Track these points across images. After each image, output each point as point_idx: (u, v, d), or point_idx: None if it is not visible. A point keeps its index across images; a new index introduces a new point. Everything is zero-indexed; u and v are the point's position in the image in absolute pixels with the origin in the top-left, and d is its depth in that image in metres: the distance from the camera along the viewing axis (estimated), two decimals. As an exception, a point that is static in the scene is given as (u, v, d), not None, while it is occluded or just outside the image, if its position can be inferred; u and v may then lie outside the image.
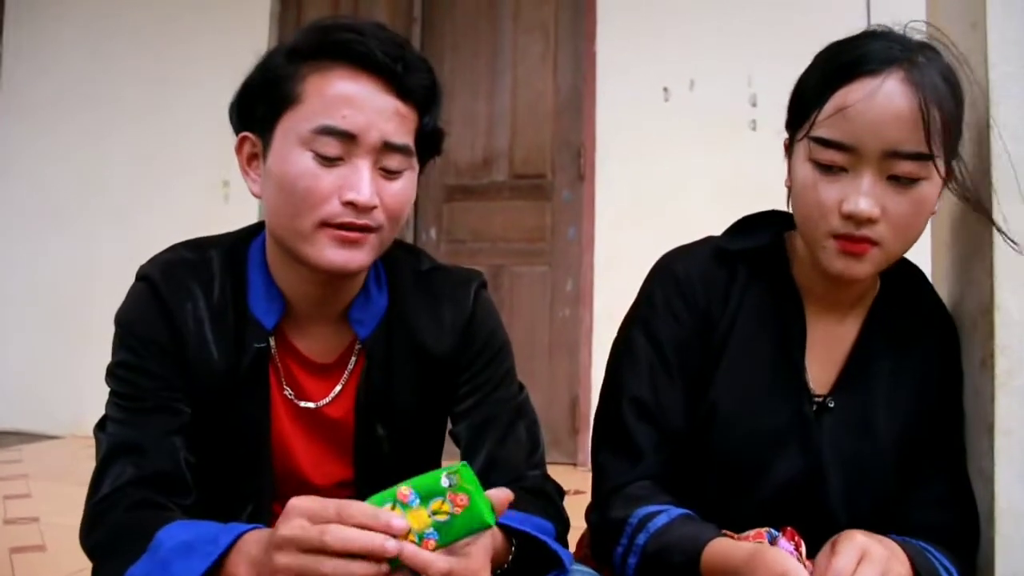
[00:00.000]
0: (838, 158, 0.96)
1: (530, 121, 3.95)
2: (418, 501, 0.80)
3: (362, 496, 0.82)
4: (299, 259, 1.00)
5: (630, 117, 3.75)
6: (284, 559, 0.77)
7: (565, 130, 3.89)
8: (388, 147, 0.98)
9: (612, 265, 3.69)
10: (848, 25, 1.08)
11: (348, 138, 0.96)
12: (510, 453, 1.11)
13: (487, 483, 0.85)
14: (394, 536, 0.77)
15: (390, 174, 0.99)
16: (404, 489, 0.80)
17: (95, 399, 1.07)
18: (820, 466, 1.05)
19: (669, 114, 3.72)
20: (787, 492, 1.05)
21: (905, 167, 0.94)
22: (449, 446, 1.19)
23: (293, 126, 0.97)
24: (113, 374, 1.04)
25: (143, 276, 1.05)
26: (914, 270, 1.14)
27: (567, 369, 3.80)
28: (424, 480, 0.81)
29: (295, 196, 0.96)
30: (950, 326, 1.13)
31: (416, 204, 4.06)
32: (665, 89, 3.73)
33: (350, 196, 0.95)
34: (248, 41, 1.02)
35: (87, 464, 1.02)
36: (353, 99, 0.96)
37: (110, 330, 1.06)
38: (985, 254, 1.05)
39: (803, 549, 0.93)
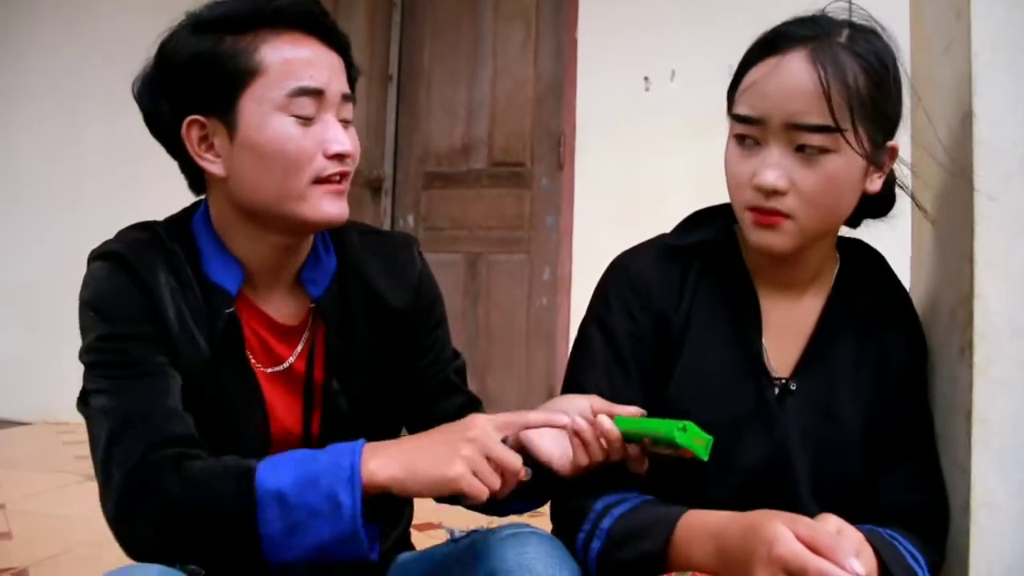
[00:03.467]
0: (749, 131, 1.03)
1: (510, 109, 3.92)
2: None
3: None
4: (288, 222, 1.02)
5: (610, 106, 3.73)
6: (468, 451, 0.87)
7: (545, 118, 3.87)
8: (345, 98, 1.04)
9: (590, 254, 3.67)
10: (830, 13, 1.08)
11: (318, 95, 1.00)
12: (460, 412, 1.14)
13: None
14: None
15: (346, 124, 1.04)
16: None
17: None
18: (786, 450, 1.06)
19: (649, 103, 3.70)
20: (754, 478, 1.05)
21: (809, 138, 0.98)
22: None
23: (263, 95, 0.99)
24: (95, 348, 1.00)
25: (104, 254, 1.02)
26: (874, 253, 1.15)
27: (544, 358, 3.79)
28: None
29: (285, 159, 0.99)
30: (910, 308, 1.14)
31: (394, 191, 4.04)
32: (646, 78, 3.72)
33: (336, 148, 1.01)
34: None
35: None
36: (311, 60, 1.01)
37: (81, 314, 1.02)
38: (965, 243, 1.05)
39: None
